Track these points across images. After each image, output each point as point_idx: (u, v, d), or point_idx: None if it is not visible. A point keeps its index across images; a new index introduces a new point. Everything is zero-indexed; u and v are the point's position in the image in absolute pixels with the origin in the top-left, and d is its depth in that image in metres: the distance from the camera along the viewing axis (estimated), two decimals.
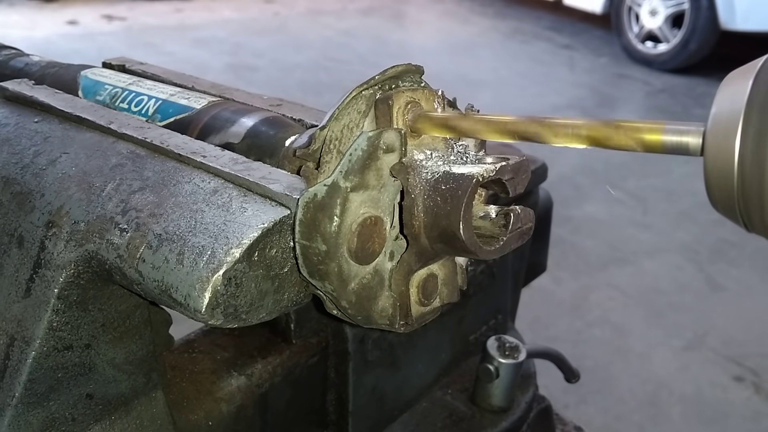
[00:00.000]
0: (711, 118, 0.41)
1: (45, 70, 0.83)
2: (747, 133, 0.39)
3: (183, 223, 0.52)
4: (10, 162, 0.64)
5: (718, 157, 0.40)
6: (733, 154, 0.39)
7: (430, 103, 0.57)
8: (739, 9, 5.57)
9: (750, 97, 0.39)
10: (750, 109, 0.39)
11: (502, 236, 0.54)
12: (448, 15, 8.12)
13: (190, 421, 0.74)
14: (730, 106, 0.40)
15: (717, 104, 0.41)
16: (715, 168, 0.40)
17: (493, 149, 0.87)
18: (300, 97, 0.92)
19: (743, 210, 0.40)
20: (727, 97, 0.41)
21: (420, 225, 0.53)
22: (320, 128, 0.54)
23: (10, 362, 0.59)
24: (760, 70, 0.40)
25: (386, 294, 0.55)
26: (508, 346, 0.95)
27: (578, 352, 2.57)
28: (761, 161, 0.38)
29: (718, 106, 0.41)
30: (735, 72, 0.42)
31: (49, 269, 0.58)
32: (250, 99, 0.74)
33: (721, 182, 0.40)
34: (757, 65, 0.41)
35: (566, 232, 3.38)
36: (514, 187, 0.54)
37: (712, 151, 0.40)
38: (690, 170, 4.28)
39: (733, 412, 2.39)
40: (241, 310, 0.51)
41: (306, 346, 0.84)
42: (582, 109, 5.25)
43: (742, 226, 0.42)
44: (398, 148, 0.52)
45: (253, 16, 7.58)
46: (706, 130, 0.41)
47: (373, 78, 0.55)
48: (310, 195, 0.50)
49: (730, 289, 3.10)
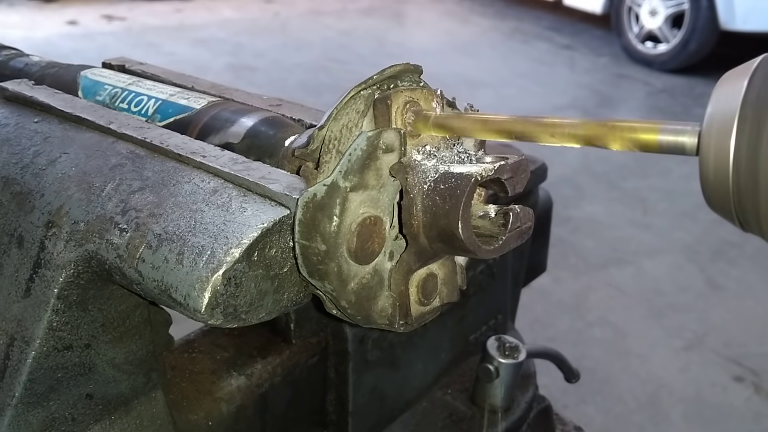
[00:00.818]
0: (706, 118, 0.41)
1: (45, 71, 0.83)
2: (742, 133, 0.39)
3: (183, 223, 0.52)
4: (10, 162, 0.64)
5: (713, 156, 0.40)
6: (728, 153, 0.39)
7: (429, 102, 0.56)
8: (739, 9, 5.57)
9: (745, 97, 0.39)
10: (745, 109, 0.39)
11: (501, 235, 0.54)
12: (448, 15, 8.12)
13: (190, 421, 0.74)
14: (725, 106, 0.40)
15: (712, 104, 0.41)
16: (710, 168, 0.40)
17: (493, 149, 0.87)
18: (300, 98, 0.92)
19: (738, 209, 0.40)
20: (722, 98, 0.41)
21: (419, 224, 0.53)
22: (318, 128, 0.54)
23: (10, 362, 0.59)
24: (755, 71, 0.40)
25: (386, 294, 0.55)
26: (508, 346, 0.95)
27: (578, 352, 2.57)
28: (756, 161, 0.38)
29: (713, 106, 0.41)
30: (730, 72, 0.42)
31: (49, 269, 0.58)
32: (250, 99, 0.74)
33: (716, 182, 0.40)
34: (752, 66, 0.41)
35: (566, 232, 3.38)
36: (513, 187, 0.54)
37: (707, 150, 0.40)
38: (690, 170, 4.28)
39: (733, 412, 2.39)
40: (240, 310, 0.51)
41: (306, 346, 0.84)
42: (582, 109, 5.26)
43: (738, 225, 0.42)
44: (397, 148, 0.52)
45: (253, 16, 7.58)
46: (702, 130, 0.41)
47: (371, 78, 0.55)
48: (310, 195, 0.50)
49: (730, 289, 3.10)
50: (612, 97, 5.65)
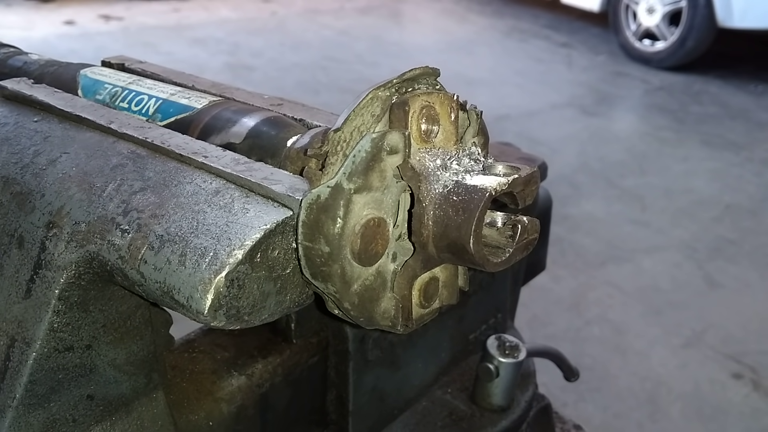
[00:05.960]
0: None
1: (44, 69, 0.83)
2: None
3: (185, 224, 0.52)
4: (10, 162, 0.63)
5: None
6: None
7: (445, 107, 0.56)
8: (736, 7, 5.57)
9: None
10: None
11: (509, 247, 0.54)
12: (445, 13, 8.11)
13: (191, 422, 0.73)
14: None
15: None
16: None
17: (493, 148, 0.87)
18: (298, 97, 0.92)
19: None
20: None
21: (429, 234, 0.52)
22: (334, 130, 0.53)
23: (10, 363, 0.59)
24: None
25: (389, 296, 0.54)
26: (508, 345, 0.95)
27: (577, 351, 2.58)
28: None
29: None
30: None
31: (50, 270, 0.57)
32: (251, 98, 0.73)
33: None
34: None
35: (565, 231, 3.38)
36: (524, 200, 0.53)
37: None
38: (688, 168, 4.29)
39: (732, 409, 2.40)
40: (243, 312, 0.50)
41: (306, 345, 0.84)
42: (580, 107, 5.26)
43: None
44: (402, 150, 0.52)
45: (250, 15, 7.57)
46: None
47: (390, 81, 0.54)
48: (314, 196, 0.50)
49: (728, 287, 3.10)
50: (609, 94, 5.65)
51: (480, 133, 0.60)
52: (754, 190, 4.06)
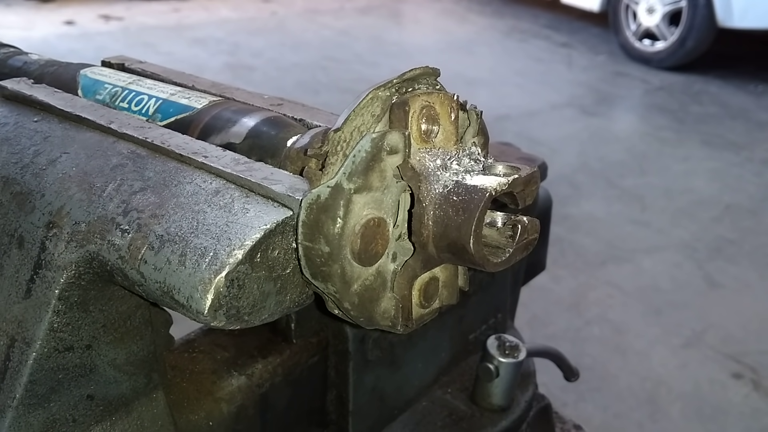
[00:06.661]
0: None
1: (44, 69, 0.83)
2: None
3: (185, 224, 0.52)
4: (10, 162, 0.63)
5: None
6: None
7: (445, 107, 0.56)
8: (736, 6, 5.57)
9: None
10: None
11: (509, 247, 0.54)
12: (445, 13, 8.12)
13: (191, 422, 0.73)
14: None
15: None
16: None
17: (493, 148, 0.87)
18: (298, 97, 0.92)
19: None
20: None
21: (429, 234, 0.52)
22: (334, 130, 0.53)
23: (10, 363, 0.59)
24: None
25: (389, 296, 0.54)
26: (508, 345, 0.95)
27: (577, 351, 2.58)
28: None
29: None
30: None
31: (50, 270, 0.57)
32: (251, 98, 0.73)
33: None
34: None
35: (565, 231, 3.38)
36: (524, 200, 0.53)
37: None
38: (688, 168, 4.29)
39: (732, 409, 2.40)
40: (243, 312, 0.50)
41: (306, 345, 0.84)
42: (580, 107, 5.26)
43: None
44: (402, 150, 0.52)
45: (250, 15, 7.57)
46: None
47: (390, 80, 0.54)
48: (314, 196, 0.50)
49: (728, 287, 3.10)
50: (609, 94, 5.65)
51: (480, 133, 0.60)
52: (754, 190, 4.06)
